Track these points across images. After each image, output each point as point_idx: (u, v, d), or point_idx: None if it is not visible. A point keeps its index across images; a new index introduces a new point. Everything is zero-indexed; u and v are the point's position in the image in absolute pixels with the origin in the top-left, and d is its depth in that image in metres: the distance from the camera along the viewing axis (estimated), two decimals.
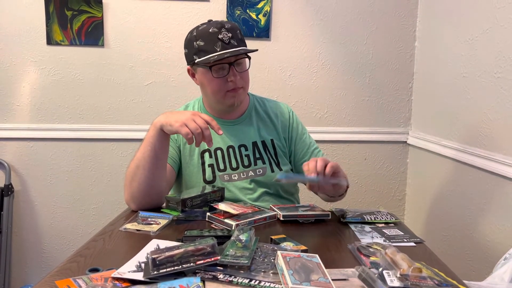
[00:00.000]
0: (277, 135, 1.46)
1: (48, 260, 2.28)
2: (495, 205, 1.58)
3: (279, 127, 1.47)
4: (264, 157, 1.42)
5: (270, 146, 1.44)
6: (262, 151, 1.42)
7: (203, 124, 1.16)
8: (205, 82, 1.35)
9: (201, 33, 1.32)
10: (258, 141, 1.43)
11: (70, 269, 0.90)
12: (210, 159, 1.40)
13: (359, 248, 1.00)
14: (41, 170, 2.21)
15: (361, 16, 2.20)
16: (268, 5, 2.15)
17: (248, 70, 1.37)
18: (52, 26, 2.11)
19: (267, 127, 1.46)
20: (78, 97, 2.18)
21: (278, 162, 1.43)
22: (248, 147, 1.42)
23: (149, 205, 1.28)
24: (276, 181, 1.23)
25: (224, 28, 1.30)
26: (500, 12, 1.55)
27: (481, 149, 1.65)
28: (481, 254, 1.64)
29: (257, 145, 1.43)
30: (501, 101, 1.54)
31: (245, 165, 1.40)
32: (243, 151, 1.41)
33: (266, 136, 1.45)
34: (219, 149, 1.40)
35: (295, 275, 0.79)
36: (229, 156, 1.40)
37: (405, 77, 2.25)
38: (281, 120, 1.48)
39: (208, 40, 1.30)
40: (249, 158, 1.41)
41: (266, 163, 1.41)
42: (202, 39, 1.31)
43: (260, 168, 1.40)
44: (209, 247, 0.88)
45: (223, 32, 1.29)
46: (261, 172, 1.40)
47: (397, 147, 2.31)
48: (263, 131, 1.45)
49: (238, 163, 1.40)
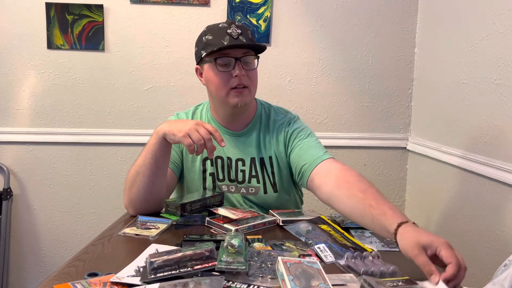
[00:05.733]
0: (277, 152, 1.38)
1: (47, 265, 2.27)
2: (495, 211, 1.58)
3: (279, 144, 1.38)
4: (259, 175, 1.37)
5: (268, 164, 1.38)
6: (258, 169, 1.37)
7: (206, 135, 1.14)
8: (210, 77, 1.31)
9: (210, 28, 1.31)
10: (257, 158, 1.37)
11: (68, 274, 0.90)
12: (211, 168, 1.38)
13: None
14: (40, 174, 2.21)
15: (361, 22, 2.21)
16: (269, 10, 2.16)
17: (256, 70, 1.33)
18: (52, 30, 2.12)
19: (268, 143, 1.39)
20: (78, 101, 2.18)
21: (275, 182, 1.37)
22: (245, 162, 1.37)
23: (147, 211, 1.28)
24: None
25: (234, 24, 1.29)
26: (500, 19, 1.55)
27: (481, 155, 1.65)
28: (481, 261, 1.64)
29: (255, 162, 1.37)
30: (500, 107, 1.54)
31: (239, 181, 1.37)
32: (240, 165, 1.37)
33: (265, 154, 1.38)
34: (220, 158, 1.38)
35: (295, 280, 0.79)
36: (228, 167, 1.38)
37: (405, 83, 2.26)
38: (279, 136, 1.39)
39: (216, 34, 1.28)
40: (244, 174, 1.37)
41: (261, 182, 1.37)
42: (211, 33, 1.29)
43: (253, 187, 1.37)
44: (208, 251, 0.88)
45: (233, 27, 1.28)
46: (253, 191, 1.36)
47: (397, 153, 2.31)
48: (264, 147, 1.38)
49: (234, 176, 1.38)
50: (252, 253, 0.96)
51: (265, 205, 1.37)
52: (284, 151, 1.38)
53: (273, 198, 1.37)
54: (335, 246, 1.04)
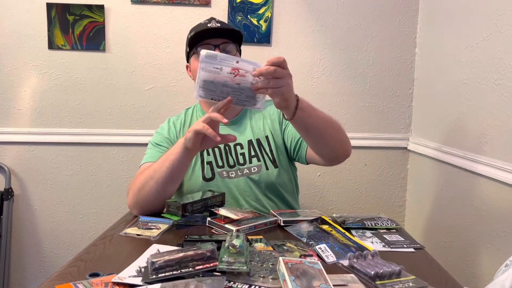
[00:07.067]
0: (272, 131, 1.46)
1: (48, 265, 2.27)
2: (495, 211, 1.58)
3: (273, 123, 1.48)
4: (259, 154, 1.43)
5: (265, 143, 1.45)
6: (257, 149, 1.44)
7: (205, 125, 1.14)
8: (194, 67, 1.40)
9: (194, 27, 1.46)
10: (253, 140, 1.45)
11: (70, 274, 0.90)
12: (208, 157, 1.42)
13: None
14: (41, 174, 2.21)
15: (361, 23, 2.21)
16: (269, 11, 2.16)
17: None
18: (53, 31, 2.12)
19: (262, 125, 1.48)
20: (79, 102, 2.19)
21: (274, 158, 1.43)
22: (243, 145, 1.44)
23: (152, 212, 1.29)
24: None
25: (214, 20, 1.42)
26: (500, 19, 1.55)
27: (482, 155, 1.65)
28: (482, 261, 1.64)
29: (252, 143, 1.45)
30: (501, 107, 1.54)
31: (240, 163, 1.42)
32: (239, 149, 1.43)
33: (261, 134, 1.46)
34: (217, 147, 1.44)
35: (296, 281, 0.79)
36: (226, 153, 1.43)
37: (406, 83, 2.26)
38: (272, 115, 1.49)
39: (198, 29, 1.40)
40: (244, 156, 1.43)
41: (261, 160, 1.43)
42: (194, 30, 1.42)
43: (255, 166, 1.42)
44: (209, 252, 0.88)
45: (213, 22, 1.41)
46: (256, 170, 1.41)
47: (398, 153, 2.31)
48: (258, 129, 1.47)
49: (234, 161, 1.42)
50: (253, 253, 0.96)
51: (268, 183, 1.41)
52: (279, 128, 1.47)
53: (274, 174, 1.42)
54: (337, 246, 1.04)
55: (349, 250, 1.02)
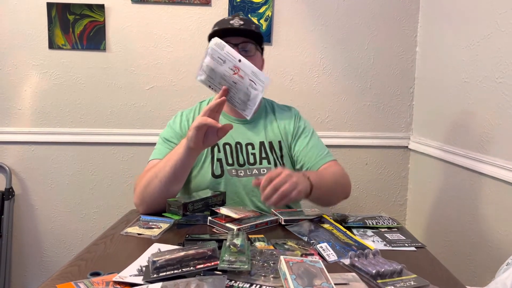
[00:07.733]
0: (285, 139, 1.48)
1: (48, 264, 2.28)
2: (497, 210, 1.58)
3: (287, 133, 1.49)
4: (270, 157, 1.44)
5: (277, 147, 1.46)
6: (268, 151, 1.44)
7: (204, 117, 1.14)
8: None
9: (218, 22, 1.43)
10: (266, 142, 1.46)
11: (71, 273, 0.90)
12: (218, 154, 1.42)
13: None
14: (42, 174, 2.21)
15: (362, 21, 2.21)
16: (270, 10, 2.16)
17: (256, 58, 1.39)
18: (54, 30, 2.12)
19: (276, 129, 1.49)
20: (80, 101, 2.18)
21: (283, 164, 1.44)
22: (255, 146, 1.44)
23: (157, 211, 1.29)
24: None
25: (238, 17, 1.40)
26: (501, 17, 1.55)
27: (483, 154, 1.64)
28: (483, 260, 1.64)
29: (264, 145, 1.45)
30: (502, 106, 1.54)
31: (250, 163, 1.42)
32: (250, 149, 1.44)
33: (274, 138, 1.47)
34: (228, 144, 1.43)
35: (298, 280, 0.79)
36: (237, 152, 1.43)
37: (406, 82, 2.26)
38: (287, 125, 1.50)
39: (221, 25, 1.39)
40: (255, 156, 1.43)
41: (272, 163, 1.43)
42: (217, 25, 1.41)
43: (265, 167, 1.42)
44: (210, 251, 0.88)
45: (236, 19, 1.39)
46: (265, 172, 1.40)
47: (398, 152, 2.30)
48: (272, 132, 1.48)
49: (244, 160, 1.42)
50: (255, 252, 0.96)
51: None
52: (291, 140, 1.49)
53: None
54: (338, 245, 1.04)
55: (350, 249, 1.02)
